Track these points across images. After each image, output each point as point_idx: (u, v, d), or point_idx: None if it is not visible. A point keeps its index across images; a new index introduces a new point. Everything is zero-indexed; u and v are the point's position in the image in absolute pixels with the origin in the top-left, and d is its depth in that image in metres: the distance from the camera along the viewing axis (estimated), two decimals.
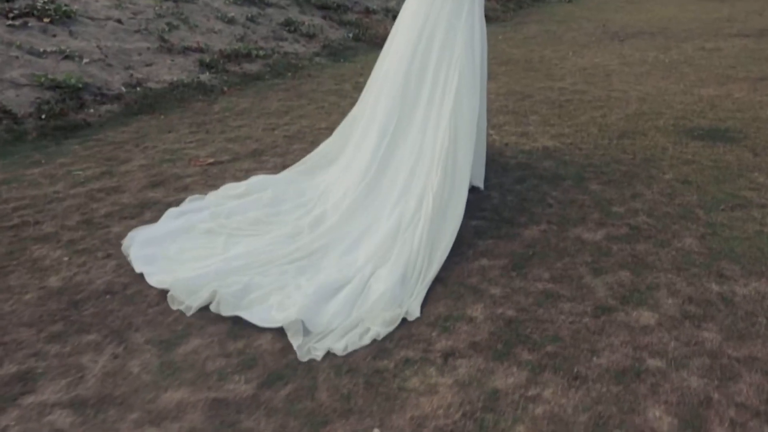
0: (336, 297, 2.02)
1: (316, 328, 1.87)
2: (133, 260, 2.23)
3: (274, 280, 2.08)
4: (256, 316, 1.91)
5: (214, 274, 2.06)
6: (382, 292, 2.02)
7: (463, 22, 2.61)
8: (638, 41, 7.35)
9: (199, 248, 2.30)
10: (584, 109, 4.41)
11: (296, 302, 1.94)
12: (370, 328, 1.88)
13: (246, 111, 4.51)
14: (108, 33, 5.44)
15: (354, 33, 7.24)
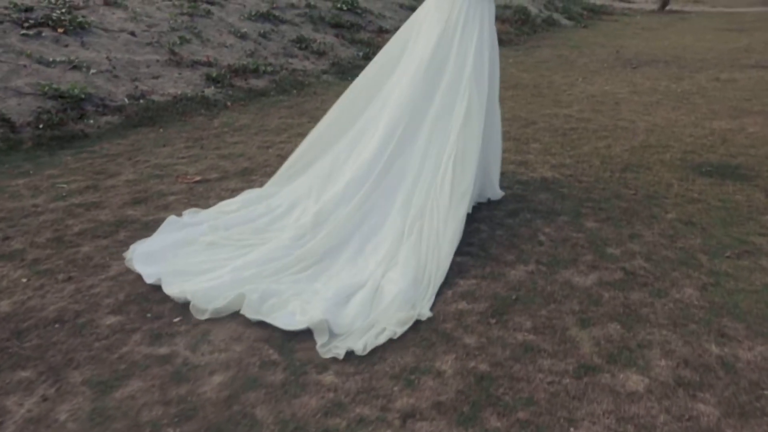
0: (353, 300, 2.09)
1: (339, 330, 1.95)
2: (144, 276, 2.22)
3: (289, 288, 2.13)
4: (280, 321, 1.96)
5: (230, 284, 2.10)
6: (396, 294, 2.11)
7: (475, 43, 2.72)
8: (651, 69, 7.23)
9: (205, 261, 2.30)
10: (588, 139, 4.30)
11: (317, 306, 2.00)
12: (386, 327, 1.96)
13: (245, 127, 4.45)
14: (120, 45, 5.45)
15: (364, 52, 7.20)
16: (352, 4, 8.46)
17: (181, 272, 2.22)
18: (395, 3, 9.51)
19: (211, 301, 2.03)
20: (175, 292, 2.10)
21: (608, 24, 12.63)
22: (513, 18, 10.83)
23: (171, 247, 2.37)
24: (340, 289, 2.14)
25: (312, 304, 2.04)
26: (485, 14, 2.81)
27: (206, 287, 2.09)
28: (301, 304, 2.03)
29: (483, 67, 2.76)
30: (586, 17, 13.28)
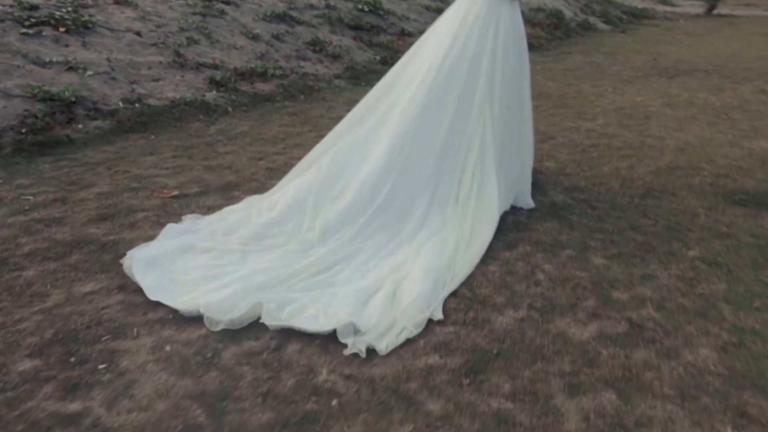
0: (372, 301, 2.08)
1: (363, 328, 1.94)
2: (145, 290, 2.12)
3: (304, 295, 2.09)
4: (303, 324, 1.93)
5: (242, 293, 2.04)
6: (418, 294, 2.09)
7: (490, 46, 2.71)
8: (689, 79, 6.74)
9: (205, 267, 2.23)
10: (609, 158, 3.92)
11: (342, 308, 1.99)
12: (405, 327, 1.96)
13: (241, 135, 4.22)
14: (123, 45, 5.29)
15: (382, 56, 6.92)
16: (374, 5, 8.19)
17: (181, 280, 2.15)
18: (421, 5, 9.20)
19: (226, 312, 1.96)
20: (185, 307, 2.01)
21: (648, 29, 12.05)
22: (545, 22, 10.39)
23: (169, 254, 2.29)
24: (360, 290, 2.12)
25: (334, 306, 2.02)
26: (504, 16, 2.77)
27: (219, 298, 2.01)
28: (323, 308, 2.01)
29: (497, 70, 2.72)
30: (625, 22, 12.72)
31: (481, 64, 2.72)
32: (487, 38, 2.73)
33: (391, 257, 2.38)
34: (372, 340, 1.90)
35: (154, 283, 2.11)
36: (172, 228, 2.52)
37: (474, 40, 2.72)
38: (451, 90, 2.69)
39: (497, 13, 2.77)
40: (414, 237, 2.51)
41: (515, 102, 2.86)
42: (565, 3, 12.21)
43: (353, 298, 2.08)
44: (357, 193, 2.55)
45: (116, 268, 2.31)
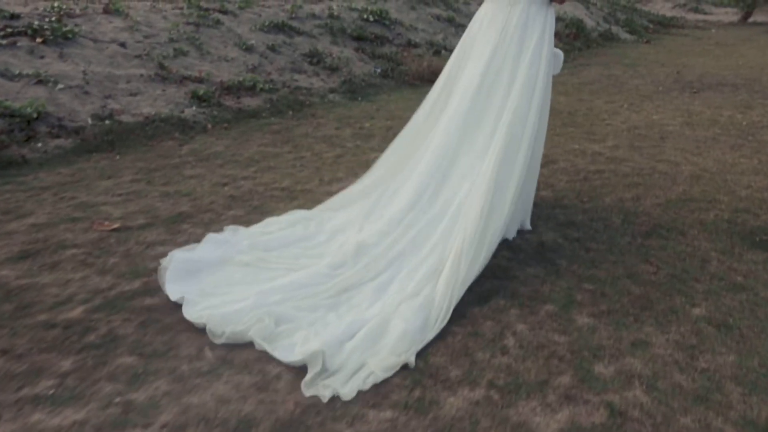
0: (357, 334, 1.97)
1: (332, 366, 1.82)
2: (169, 293, 2.15)
3: (305, 315, 2.05)
4: (279, 352, 1.88)
5: (250, 308, 2.02)
6: (402, 332, 1.96)
7: (530, 58, 2.53)
8: (714, 94, 6.24)
9: (236, 283, 2.24)
10: (614, 187, 3.50)
11: (321, 339, 1.91)
12: (374, 371, 1.82)
13: (213, 156, 3.91)
14: (104, 57, 5.06)
15: (383, 68, 6.59)
16: (380, 15, 7.87)
17: (208, 293, 2.15)
18: (431, 14, 8.85)
19: (229, 324, 1.95)
20: (193, 317, 2.02)
21: (676, 39, 11.49)
22: (564, 32, 9.93)
23: (207, 265, 2.31)
24: (352, 323, 2.02)
25: (319, 335, 1.94)
26: (547, 26, 2.60)
27: (224, 312, 2.01)
28: (307, 335, 1.94)
29: (535, 84, 2.55)
30: (650, 31, 12.17)
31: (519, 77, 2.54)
32: (528, 52, 2.55)
33: (404, 287, 2.23)
34: (337, 384, 1.75)
35: (179, 289, 2.15)
36: (212, 237, 2.51)
37: (512, 53, 2.55)
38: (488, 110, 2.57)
39: (541, 20, 2.59)
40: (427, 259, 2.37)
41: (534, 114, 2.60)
42: (587, 12, 11.73)
43: (342, 329, 1.98)
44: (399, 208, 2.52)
45: (11, 324, 2.00)
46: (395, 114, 5.17)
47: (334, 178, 3.57)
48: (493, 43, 2.58)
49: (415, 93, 6.03)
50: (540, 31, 2.58)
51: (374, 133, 4.57)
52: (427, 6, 9.14)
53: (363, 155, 4.04)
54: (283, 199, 3.20)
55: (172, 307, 2.11)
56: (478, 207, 2.35)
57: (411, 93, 6.05)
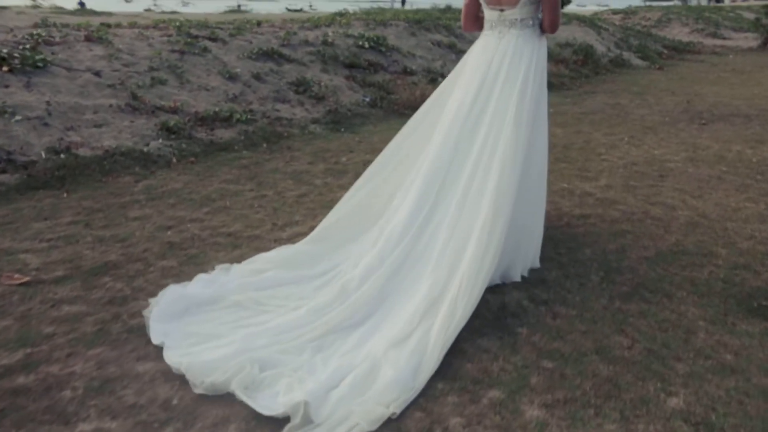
0: (344, 382, 1.88)
1: (317, 418, 1.72)
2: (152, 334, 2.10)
3: (291, 359, 1.98)
4: (260, 403, 1.78)
5: (234, 354, 1.94)
6: (391, 380, 1.86)
7: (519, 87, 2.52)
8: (724, 126, 5.84)
9: (225, 324, 2.16)
10: (599, 235, 3.14)
11: (306, 387, 1.82)
12: (359, 423, 1.71)
13: (168, 194, 3.65)
14: (75, 86, 4.87)
15: (373, 97, 6.32)
16: (377, 42, 7.64)
17: (191, 334, 2.09)
18: (431, 40, 8.61)
19: (210, 374, 1.85)
20: (172, 362, 1.95)
21: (690, 65, 11.08)
22: (571, 58, 9.62)
23: (195, 304, 2.25)
24: (337, 369, 1.94)
25: (303, 383, 1.85)
26: (534, 55, 2.59)
27: (205, 360, 1.92)
28: (291, 383, 1.85)
29: (523, 115, 2.50)
30: (664, 57, 11.79)
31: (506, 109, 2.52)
32: (517, 82, 2.54)
33: (392, 328, 2.14)
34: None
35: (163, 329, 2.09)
36: (202, 278, 2.44)
37: (501, 82, 2.55)
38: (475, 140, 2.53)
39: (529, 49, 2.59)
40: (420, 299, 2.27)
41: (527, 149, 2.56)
42: (597, 37, 11.41)
43: (327, 378, 1.89)
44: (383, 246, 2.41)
45: None
46: (376, 147, 4.85)
47: (289, 222, 3.27)
48: (482, 72, 2.59)
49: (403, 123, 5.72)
50: (528, 61, 2.57)
51: (348, 169, 4.27)
52: (428, 32, 8.91)
53: (330, 194, 3.74)
54: (225, 248, 2.91)
55: (43, 389, 1.81)
56: (473, 247, 2.29)
57: (399, 123, 5.69)
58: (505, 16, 2.61)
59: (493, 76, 2.57)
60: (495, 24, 2.65)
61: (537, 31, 2.65)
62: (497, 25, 2.64)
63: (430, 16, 9.96)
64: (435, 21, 9.37)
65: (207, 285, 2.38)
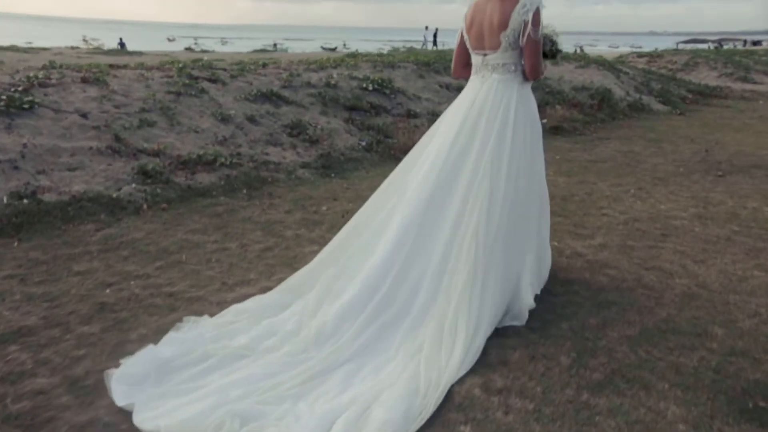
0: (334, 427, 1.84)
1: None
2: (115, 395, 1.98)
3: (273, 410, 1.91)
4: None
5: (211, 409, 1.87)
6: (383, 422, 1.85)
7: (496, 132, 2.57)
8: (743, 179, 5.43)
9: (194, 378, 2.08)
10: (580, 306, 2.79)
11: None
12: None
13: (124, 245, 3.44)
14: (58, 128, 4.79)
15: (370, 140, 6.12)
16: (381, 83, 7.50)
17: (163, 393, 1.99)
18: (439, 83, 8.45)
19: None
20: (148, 428, 1.85)
21: (715, 110, 10.65)
22: (587, 102, 9.31)
23: (165, 363, 2.13)
24: (326, 414, 1.89)
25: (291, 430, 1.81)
26: (514, 100, 2.63)
27: (182, 419, 1.84)
28: (282, 430, 1.81)
29: (503, 159, 2.53)
30: (688, 102, 11.38)
31: (485, 151, 2.55)
32: (495, 123, 2.59)
33: (379, 372, 2.13)
34: None
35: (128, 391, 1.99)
36: (173, 337, 2.32)
37: (483, 123, 2.59)
38: (456, 182, 2.55)
39: (508, 95, 2.64)
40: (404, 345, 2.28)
41: (521, 196, 2.61)
42: (616, 81, 11.11)
43: (316, 423, 1.85)
44: (361, 287, 2.40)
45: None
46: (362, 194, 4.62)
47: (242, 281, 3.02)
48: (461, 116, 2.63)
49: None
50: (507, 106, 2.60)
51: (324, 220, 4.02)
52: (437, 74, 8.76)
53: (296, 248, 3.49)
54: (160, 311, 2.66)
55: None
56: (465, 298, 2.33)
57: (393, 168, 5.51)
58: (487, 61, 2.67)
59: (473, 120, 2.61)
60: (479, 68, 2.71)
61: (519, 77, 2.69)
62: (481, 70, 2.71)
63: (442, 58, 9.82)
64: (446, 63, 9.21)
65: (178, 343, 2.28)
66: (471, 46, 2.73)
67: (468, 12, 2.75)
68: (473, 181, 2.52)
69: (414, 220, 2.51)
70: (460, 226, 2.49)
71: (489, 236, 2.45)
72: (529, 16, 2.55)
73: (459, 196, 2.51)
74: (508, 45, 2.61)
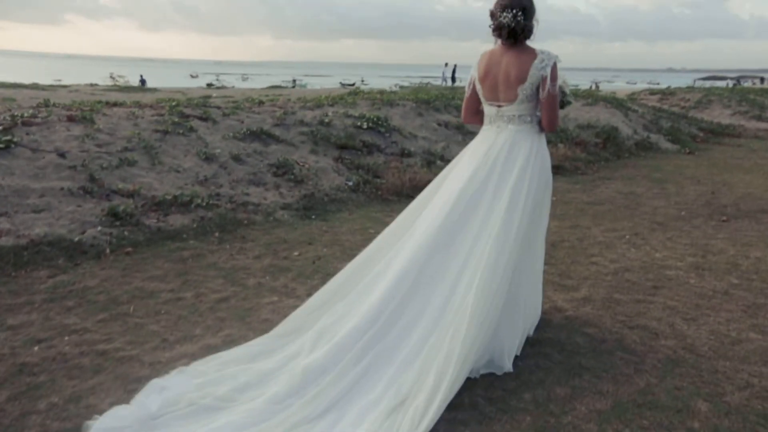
0: None
1: None
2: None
3: None
4: None
5: None
6: None
7: (513, 182, 2.51)
8: (748, 225, 5.12)
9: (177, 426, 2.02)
10: (549, 372, 2.51)
11: None
12: None
13: (72, 295, 3.25)
14: (32, 168, 4.68)
15: (357, 180, 5.93)
16: (376, 122, 7.36)
17: None
18: (438, 121, 8.29)
19: None
20: None
21: (726, 149, 10.34)
22: (591, 140, 9.08)
23: (147, 416, 2.06)
24: None
25: None
26: (532, 152, 2.58)
27: None
28: None
29: (515, 215, 2.46)
30: (699, 140, 11.09)
31: (499, 202, 2.49)
32: (510, 175, 2.53)
33: (363, 420, 2.07)
34: None
35: None
36: (155, 384, 2.25)
37: (497, 174, 2.54)
38: (463, 231, 2.49)
39: (527, 146, 2.60)
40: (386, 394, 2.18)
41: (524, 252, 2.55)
42: (624, 119, 10.88)
43: None
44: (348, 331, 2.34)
45: None
46: (340, 239, 4.42)
47: (185, 337, 2.80)
48: (475, 164, 2.59)
49: (383, 211, 5.30)
50: (525, 157, 2.56)
51: (293, 267, 3.81)
52: (437, 112, 8.62)
53: (254, 299, 3.28)
54: (83, 373, 2.44)
55: None
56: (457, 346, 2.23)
57: (378, 210, 5.32)
58: (503, 112, 2.64)
59: (487, 170, 2.56)
60: (494, 119, 2.68)
61: (535, 127, 2.65)
62: (496, 120, 2.67)
63: (444, 96, 9.71)
64: (447, 101, 9.09)
65: (156, 393, 2.20)
66: (484, 97, 2.69)
67: (481, 61, 2.70)
68: (481, 233, 2.46)
69: (414, 266, 2.44)
70: (463, 278, 2.40)
71: (490, 295, 2.33)
72: (547, 71, 2.53)
73: (465, 248, 2.45)
74: (525, 98, 2.58)
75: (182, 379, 2.28)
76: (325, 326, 2.46)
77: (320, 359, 2.25)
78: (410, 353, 2.28)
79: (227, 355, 2.49)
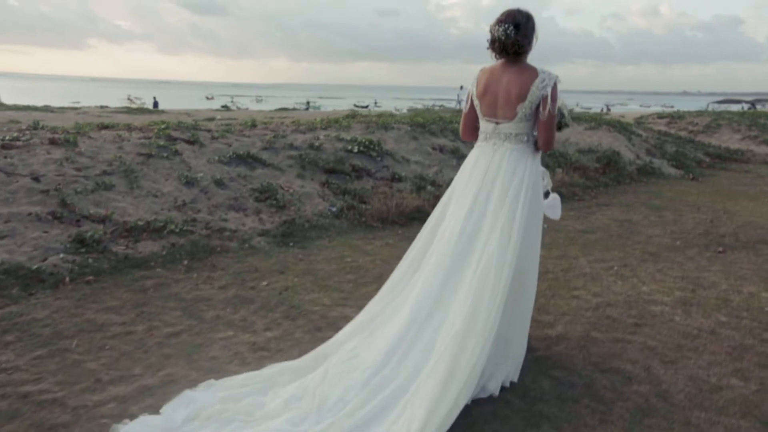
0: None
1: None
2: None
3: None
4: None
5: None
6: None
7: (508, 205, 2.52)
8: (746, 257, 4.88)
9: None
10: (505, 421, 2.31)
11: None
12: None
13: (13, 329, 3.10)
14: (3, 192, 4.59)
15: (342, 206, 5.78)
16: (368, 145, 7.23)
17: None
18: (433, 145, 8.15)
19: None
20: None
21: (731, 175, 10.07)
22: (591, 165, 8.88)
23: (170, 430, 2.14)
24: None
25: None
26: (528, 172, 2.58)
27: None
28: None
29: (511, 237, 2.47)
30: (704, 165, 10.83)
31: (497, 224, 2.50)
32: (507, 195, 2.53)
33: None
34: None
35: None
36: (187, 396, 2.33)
37: (495, 196, 2.55)
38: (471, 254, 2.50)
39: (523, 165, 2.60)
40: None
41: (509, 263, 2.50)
42: (627, 143, 10.67)
43: None
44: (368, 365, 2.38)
45: None
46: (314, 269, 4.26)
47: (121, 377, 2.63)
48: (476, 186, 2.60)
49: (365, 238, 5.13)
50: (520, 177, 2.56)
51: (257, 298, 3.65)
52: (432, 136, 8.48)
53: (207, 334, 3.11)
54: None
55: None
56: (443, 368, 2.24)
57: (360, 237, 5.16)
58: (500, 129, 2.64)
59: (487, 191, 2.57)
60: (490, 136, 2.67)
61: (531, 147, 2.65)
62: (492, 137, 2.66)
63: (442, 119, 9.59)
64: (444, 125, 8.96)
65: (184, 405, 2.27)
66: (482, 113, 2.70)
67: (480, 78, 2.71)
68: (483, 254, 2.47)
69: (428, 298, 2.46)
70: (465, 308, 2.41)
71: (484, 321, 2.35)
72: (548, 90, 2.53)
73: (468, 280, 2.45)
74: (523, 116, 2.59)
75: (209, 394, 2.35)
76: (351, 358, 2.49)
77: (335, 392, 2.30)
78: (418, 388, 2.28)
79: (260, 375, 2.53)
